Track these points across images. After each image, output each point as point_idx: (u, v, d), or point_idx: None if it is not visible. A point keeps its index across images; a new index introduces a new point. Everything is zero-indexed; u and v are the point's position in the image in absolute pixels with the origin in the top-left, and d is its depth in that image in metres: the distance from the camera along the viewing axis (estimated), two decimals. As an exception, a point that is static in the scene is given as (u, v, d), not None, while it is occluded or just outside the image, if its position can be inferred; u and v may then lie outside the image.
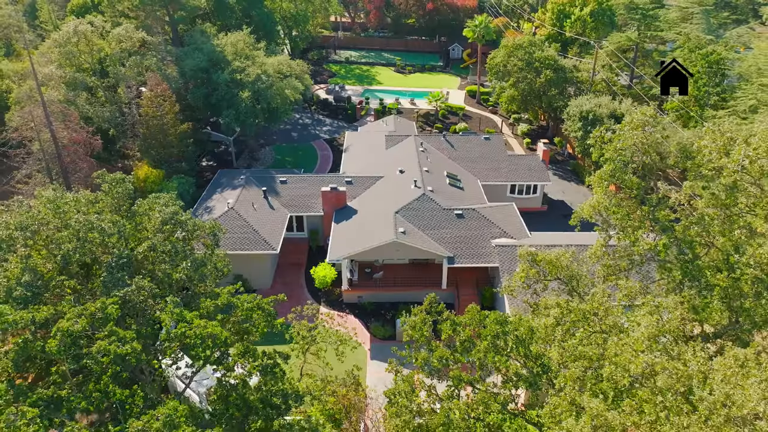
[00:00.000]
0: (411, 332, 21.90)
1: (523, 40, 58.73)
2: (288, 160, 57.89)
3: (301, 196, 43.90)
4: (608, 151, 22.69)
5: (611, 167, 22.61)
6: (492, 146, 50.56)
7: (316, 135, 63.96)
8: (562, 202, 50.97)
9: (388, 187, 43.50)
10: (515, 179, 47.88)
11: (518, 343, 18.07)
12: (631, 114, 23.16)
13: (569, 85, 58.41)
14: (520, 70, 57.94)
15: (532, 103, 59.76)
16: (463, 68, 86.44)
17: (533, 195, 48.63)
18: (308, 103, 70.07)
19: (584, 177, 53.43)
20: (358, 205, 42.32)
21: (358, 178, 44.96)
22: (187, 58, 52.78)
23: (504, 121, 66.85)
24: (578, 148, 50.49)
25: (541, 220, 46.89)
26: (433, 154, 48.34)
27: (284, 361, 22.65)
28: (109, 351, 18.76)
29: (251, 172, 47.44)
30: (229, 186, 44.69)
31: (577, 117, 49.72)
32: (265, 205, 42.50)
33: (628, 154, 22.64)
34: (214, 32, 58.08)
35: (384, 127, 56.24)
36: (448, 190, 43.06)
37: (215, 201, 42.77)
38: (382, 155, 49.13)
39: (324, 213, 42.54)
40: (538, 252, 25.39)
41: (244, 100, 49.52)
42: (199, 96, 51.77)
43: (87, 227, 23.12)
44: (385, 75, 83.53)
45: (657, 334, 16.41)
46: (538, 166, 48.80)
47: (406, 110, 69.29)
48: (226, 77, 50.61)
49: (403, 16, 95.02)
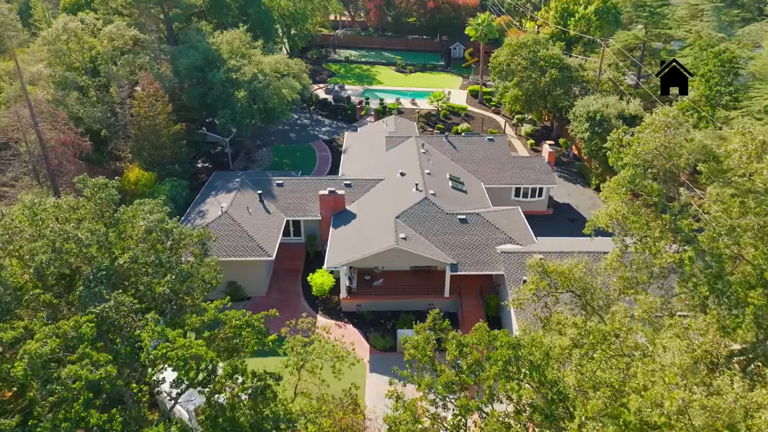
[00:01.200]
0: (413, 352, 19.98)
1: (528, 38, 56.77)
2: (286, 162, 55.96)
3: (298, 199, 41.96)
4: (627, 155, 20.74)
5: (630, 173, 20.67)
6: (496, 148, 48.59)
7: (314, 136, 62.02)
8: (567, 205, 49.01)
9: (389, 190, 41.56)
10: (520, 182, 45.92)
11: (533, 369, 16.19)
12: (652, 115, 21.22)
13: (575, 84, 56.42)
14: (524, 69, 55.98)
15: (537, 103, 57.80)
16: (464, 68, 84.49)
17: (538, 198, 46.65)
18: (307, 103, 68.16)
19: (590, 179, 51.49)
20: (357, 208, 40.39)
21: (358, 180, 43.01)
22: (182, 56, 50.87)
23: (507, 122, 64.88)
24: (585, 149, 48.55)
25: (546, 224, 44.96)
26: (434, 155, 46.40)
27: (276, 382, 20.75)
28: (80, 376, 16.86)
29: (247, 175, 45.51)
30: (224, 189, 42.75)
31: (583, 117, 47.76)
32: (261, 209, 40.55)
33: (649, 158, 20.69)
34: (210, 30, 56.18)
35: (384, 128, 54.32)
36: (451, 194, 41.12)
37: (209, 205, 40.84)
38: (382, 157, 47.20)
39: (322, 217, 40.61)
40: (550, 263, 23.48)
41: (240, 99, 47.64)
42: (194, 96, 49.88)
43: (63, 237, 21.22)
44: (386, 74, 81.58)
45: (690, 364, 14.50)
46: (543, 169, 46.83)
47: (407, 110, 67.36)
48: (222, 76, 48.70)
49: (403, 15, 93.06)
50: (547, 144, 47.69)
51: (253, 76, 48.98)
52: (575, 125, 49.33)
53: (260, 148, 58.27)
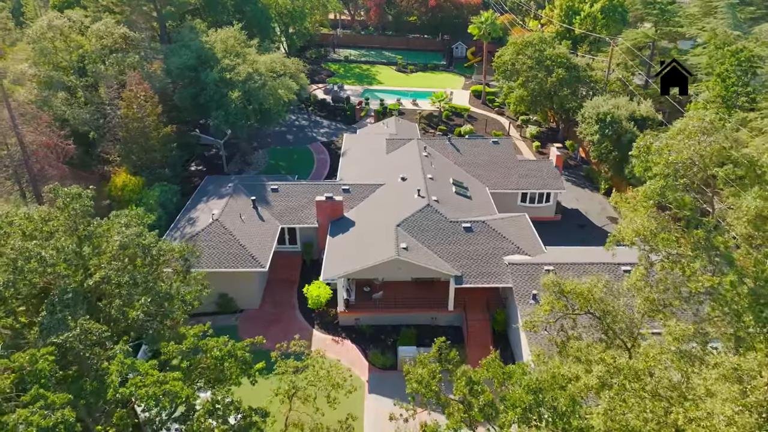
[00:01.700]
0: (416, 386, 17.57)
1: (533, 36, 54.28)
2: (282, 165, 53.52)
3: (293, 205, 39.53)
4: (657, 164, 18.29)
5: (660, 184, 18.22)
6: (501, 150, 46.13)
7: (312, 137, 59.56)
8: (576, 210, 46.56)
9: (389, 196, 39.12)
10: (527, 187, 43.48)
11: (556, 416, 13.82)
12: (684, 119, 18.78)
13: (582, 84, 53.96)
14: (529, 69, 53.50)
15: (542, 104, 55.31)
16: (467, 67, 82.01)
17: (546, 204, 44.21)
18: (305, 104, 65.71)
19: (599, 183, 48.99)
20: (356, 215, 37.96)
21: (357, 186, 40.57)
22: (174, 55, 48.42)
23: (512, 123, 62.39)
24: (594, 152, 46.05)
25: (554, 230, 42.55)
26: (437, 159, 43.96)
27: (262, 419, 18.36)
28: (31, 422, 14.46)
29: (240, 179, 43.07)
30: (216, 194, 40.33)
31: (593, 119, 45.28)
32: (254, 216, 38.13)
33: (681, 167, 18.25)
34: (204, 28, 53.65)
35: (385, 130, 51.85)
36: (455, 200, 38.69)
37: (199, 211, 38.41)
38: (382, 160, 44.76)
39: (319, 224, 38.18)
40: (567, 282, 21.06)
41: (234, 100, 45.21)
42: (186, 96, 47.43)
43: (24, 256, 18.82)
44: (386, 74, 79.06)
45: (751, 420, 12.08)
46: (551, 173, 44.37)
47: (408, 111, 64.89)
48: (215, 76, 46.25)
49: (404, 14, 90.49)
50: (555, 147, 45.20)
51: (247, 76, 46.54)
52: (584, 127, 46.86)
53: (256, 151, 55.85)
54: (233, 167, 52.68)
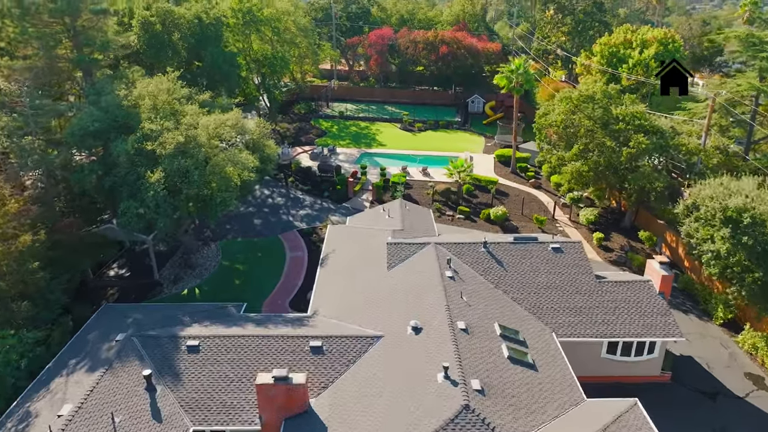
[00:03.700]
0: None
1: (595, 89, 37.53)
2: (237, 269, 36.04)
3: (220, 382, 21.68)
4: None
5: None
6: (567, 263, 28.41)
7: (288, 223, 42.31)
8: (690, 359, 28.42)
9: (392, 371, 21.20)
10: (614, 332, 25.60)
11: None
12: None
13: (662, 154, 36.93)
14: (590, 133, 36.58)
15: (609, 181, 38.04)
16: (486, 125, 65.76)
17: (648, 356, 26.17)
18: (284, 173, 49.00)
19: (714, 309, 30.98)
20: (329, 412, 20.03)
21: (335, 340, 22.82)
22: (79, 117, 31.81)
23: (556, 203, 45.12)
24: (715, 267, 28.14)
25: (664, 402, 24.55)
26: (468, 281, 26.36)
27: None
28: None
29: (145, 316, 25.39)
30: (93, 354, 22.60)
31: (716, 216, 27.74)
32: (145, 410, 20.21)
33: None
34: (139, 77, 37.26)
35: (385, 221, 34.53)
36: (509, 377, 20.74)
37: (42, 401, 20.54)
38: (381, 282, 27.14)
39: (262, 426, 20.23)
40: None
41: (154, 185, 28.22)
42: (84, 178, 30.44)
43: None
44: (389, 134, 62.73)
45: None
46: (653, 305, 26.50)
47: (416, 184, 47.95)
48: (128, 148, 29.41)
49: (410, 63, 75.09)
50: (657, 261, 27.18)
51: (179, 147, 29.72)
52: (694, 228, 29.24)
53: (206, 245, 38.58)
54: (170, 270, 35.44)
